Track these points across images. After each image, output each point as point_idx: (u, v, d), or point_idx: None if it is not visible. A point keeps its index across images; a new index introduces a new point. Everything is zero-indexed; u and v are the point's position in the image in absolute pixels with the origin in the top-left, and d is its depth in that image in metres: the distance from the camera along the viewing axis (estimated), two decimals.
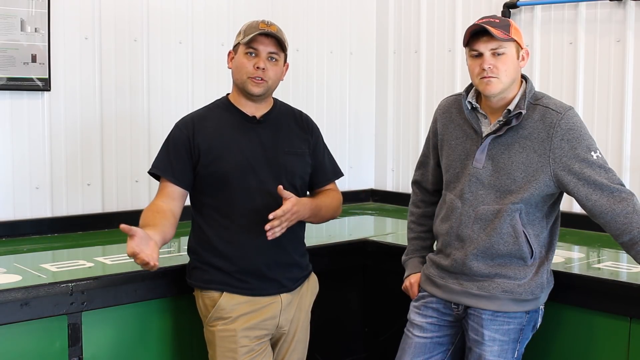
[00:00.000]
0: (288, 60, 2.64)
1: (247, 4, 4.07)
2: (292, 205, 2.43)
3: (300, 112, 2.76)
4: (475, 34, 2.37)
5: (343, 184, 4.32)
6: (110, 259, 2.82)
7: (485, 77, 2.35)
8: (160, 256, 3.01)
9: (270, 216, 2.39)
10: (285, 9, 4.26)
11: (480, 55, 2.37)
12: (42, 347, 2.52)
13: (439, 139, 2.59)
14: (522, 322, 2.45)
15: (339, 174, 2.84)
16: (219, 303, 2.51)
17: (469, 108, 2.47)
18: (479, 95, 2.48)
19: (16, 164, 3.42)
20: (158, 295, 2.76)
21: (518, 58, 2.39)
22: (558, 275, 2.63)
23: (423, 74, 4.43)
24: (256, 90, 2.54)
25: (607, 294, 2.61)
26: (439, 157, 2.60)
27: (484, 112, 2.46)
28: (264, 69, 2.51)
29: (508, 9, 3.96)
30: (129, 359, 2.73)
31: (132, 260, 2.20)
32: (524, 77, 2.46)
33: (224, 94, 2.68)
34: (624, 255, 3.19)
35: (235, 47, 2.58)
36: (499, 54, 2.35)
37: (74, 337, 2.56)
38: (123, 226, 2.18)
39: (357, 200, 4.53)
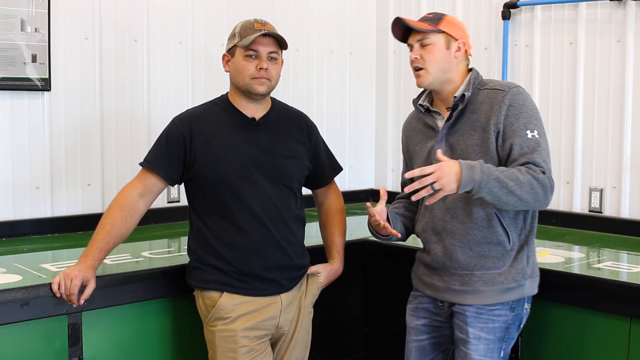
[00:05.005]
0: (288, 60, 2.64)
1: (247, 4, 4.07)
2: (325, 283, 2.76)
3: (299, 113, 2.76)
4: (407, 31, 2.49)
5: (343, 184, 4.32)
6: (110, 259, 2.82)
7: (415, 70, 2.47)
8: (160, 256, 3.04)
9: None
10: (285, 9, 4.26)
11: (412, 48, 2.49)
12: (42, 347, 2.52)
13: (406, 151, 2.70)
14: (507, 321, 2.46)
15: (338, 169, 2.86)
16: (218, 303, 2.51)
17: (422, 111, 2.55)
18: (433, 99, 2.57)
19: (16, 164, 3.42)
20: (158, 295, 2.76)
21: (448, 48, 2.45)
22: (558, 275, 2.63)
23: None
24: (261, 89, 2.54)
25: (607, 294, 2.60)
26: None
27: (436, 110, 2.54)
28: (266, 69, 2.52)
29: (508, 9, 3.96)
30: (129, 359, 2.73)
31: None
32: (471, 69, 2.54)
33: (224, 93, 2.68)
34: (624, 255, 3.20)
35: (231, 49, 2.57)
36: (424, 45, 2.45)
37: (74, 337, 2.56)
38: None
39: (357, 200, 4.52)
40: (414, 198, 2.32)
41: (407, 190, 2.36)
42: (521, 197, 2.27)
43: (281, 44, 2.55)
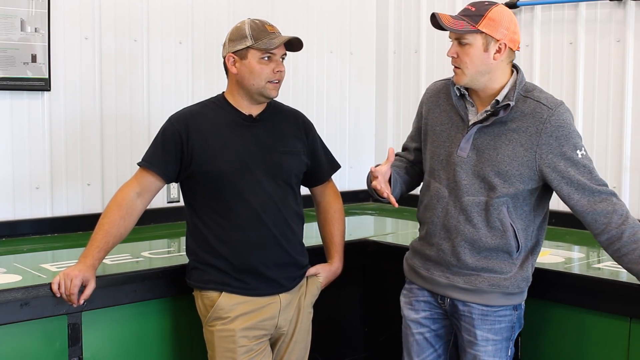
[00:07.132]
0: (287, 60, 2.65)
1: (247, 4, 4.07)
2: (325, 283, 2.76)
3: (295, 110, 2.77)
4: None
5: (343, 184, 4.33)
6: (110, 259, 2.82)
7: (454, 67, 2.36)
8: (160, 256, 3.04)
9: None
10: (285, 9, 4.26)
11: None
12: (42, 347, 2.52)
13: (423, 123, 2.57)
14: (512, 320, 2.46)
15: (336, 167, 2.85)
16: (217, 303, 2.51)
17: (457, 95, 2.44)
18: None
19: (16, 164, 3.42)
20: (158, 296, 2.76)
21: (486, 50, 2.31)
22: (558, 275, 2.62)
23: (423, 74, 4.42)
24: (275, 93, 2.57)
25: (607, 294, 2.60)
26: (420, 141, 2.60)
27: (471, 100, 2.42)
28: (283, 71, 2.55)
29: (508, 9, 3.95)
30: (129, 359, 2.73)
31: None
32: (515, 67, 2.41)
33: None
34: None
35: (240, 51, 2.53)
36: (462, 44, 2.31)
37: (74, 337, 2.56)
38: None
39: (357, 200, 4.53)
40: None
41: None
42: None
43: (294, 46, 2.58)
